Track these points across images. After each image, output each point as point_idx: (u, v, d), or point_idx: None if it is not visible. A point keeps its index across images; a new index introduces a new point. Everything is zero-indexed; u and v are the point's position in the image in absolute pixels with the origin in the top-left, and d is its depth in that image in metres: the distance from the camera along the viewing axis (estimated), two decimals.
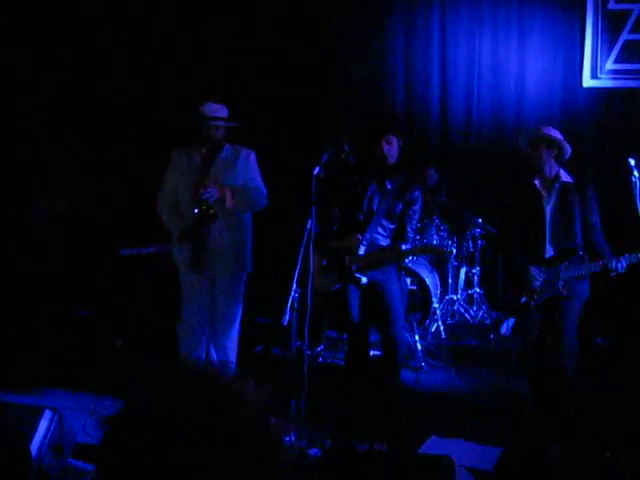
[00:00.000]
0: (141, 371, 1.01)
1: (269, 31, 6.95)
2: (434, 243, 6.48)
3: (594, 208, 4.37)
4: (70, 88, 6.91)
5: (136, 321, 6.09)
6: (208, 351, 4.78)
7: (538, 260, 4.39)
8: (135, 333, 5.94)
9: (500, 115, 6.94)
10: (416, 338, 5.81)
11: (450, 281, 6.71)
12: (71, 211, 6.77)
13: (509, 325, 6.25)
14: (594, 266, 4.25)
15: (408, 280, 6.17)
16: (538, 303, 4.41)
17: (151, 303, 6.09)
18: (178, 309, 4.75)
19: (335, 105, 7.14)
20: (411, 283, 6.21)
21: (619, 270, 4.14)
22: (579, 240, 4.31)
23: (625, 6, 6.53)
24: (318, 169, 4.09)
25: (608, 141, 6.56)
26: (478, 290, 6.72)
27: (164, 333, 5.12)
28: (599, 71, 6.60)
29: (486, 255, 6.78)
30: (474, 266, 6.72)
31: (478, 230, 6.59)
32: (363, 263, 4.30)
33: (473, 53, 6.95)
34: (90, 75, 6.91)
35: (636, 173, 4.30)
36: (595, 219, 4.36)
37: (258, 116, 6.50)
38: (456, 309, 6.68)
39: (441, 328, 6.25)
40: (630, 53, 6.52)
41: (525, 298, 4.43)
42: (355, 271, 4.29)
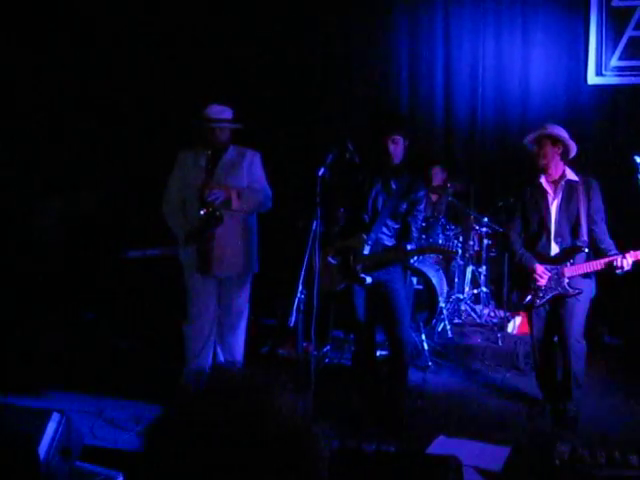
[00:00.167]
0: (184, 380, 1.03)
1: (270, 31, 6.95)
2: (440, 242, 6.46)
3: (599, 206, 4.36)
4: (70, 88, 6.92)
5: (142, 323, 6.10)
6: (215, 352, 4.79)
7: (544, 258, 4.38)
8: (141, 335, 5.96)
9: (505, 113, 6.92)
10: (423, 338, 5.80)
11: (456, 280, 6.69)
12: (76, 213, 6.79)
13: (516, 324, 6.24)
14: (600, 264, 4.23)
15: (414, 280, 6.17)
16: (544, 301, 4.40)
17: (157, 305, 6.10)
18: (184, 311, 4.76)
19: (339, 105, 7.13)
20: (417, 282, 6.21)
21: (625, 267, 4.13)
22: (585, 238, 4.30)
23: (629, 2, 6.51)
24: (323, 170, 4.09)
25: (613, 138, 6.54)
26: (484, 289, 6.70)
27: (170, 335, 5.13)
28: (604, 68, 6.58)
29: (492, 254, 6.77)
30: (480, 265, 6.70)
31: (484, 229, 6.57)
32: (368, 263, 4.29)
33: (477, 52, 6.93)
34: (90, 75, 6.93)
35: None
36: (601, 217, 4.35)
37: (263, 117, 6.50)
38: (463, 308, 6.67)
39: (448, 327, 6.24)
40: (635, 50, 6.49)
41: (530, 297, 4.42)
42: (360, 271, 4.28)
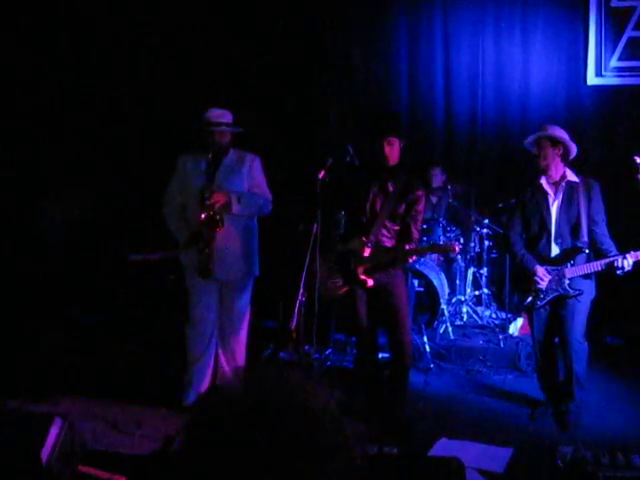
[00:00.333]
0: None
1: (270, 31, 6.96)
2: (440, 243, 6.48)
3: (600, 207, 4.36)
4: (70, 88, 6.93)
5: (143, 326, 6.11)
6: (217, 355, 4.79)
7: (544, 259, 4.39)
8: (143, 338, 5.96)
9: (505, 114, 6.92)
10: (424, 340, 5.80)
11: (458, 282, 6.68)
12: (76, 214, 6.79)
13: (517, 325, 6.24)
14: (600, 264, 4.24)
15: (416, 282, 6.17)
16: (544, 303, 4.40)
17: (158, 308, 6.11)
18: (186, 314, 4.76)
19: (339, 108, 7.14)
20: (419, 285, 6.21)
21: (626, 268, 4.13)
22: (585, 239, 4.30)
23: (628, 3, 6.51)
24: (323, 173, 4.10)
25: (613, 139, 6.54)
26: (486, 290, 6.70)
27: (172, 338, 5.14)
28: (603, 69, 6.58)
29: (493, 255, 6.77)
30: (482, 266, 6.70)
31: (485, 230, 6.58)
32: (368, 265, 4.29)
33: (477, 53, 6.93)
34: (90, 75, 6.93)
35: None
36: (601, 218, 4.35)
37: (262, 119, 6.50)
38: (464, 310, 6.66)
39: (449, 329, 6.23)
40: (634, 50, 6.49)
41: (531, 298, 4.42)
42: (361, 274, 4.28)
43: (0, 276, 6.26)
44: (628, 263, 4.12)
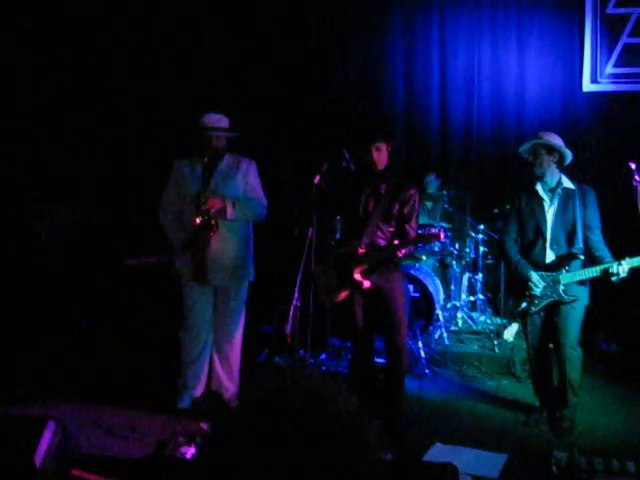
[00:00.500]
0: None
1: (270, 31, 6.97)
2: (435, 250, 6.50)
3: (595, 213, 4.37)
4: (70, 88, 6.92)
5: (139, 330, 6.09)
6: (211, 359, 4.78)
7: (539, 265, 4.39)
8: (138, 342, 5.94)
9: (500, 120, 6.94)
10: (419, 345, 5.80)
11: (453, 287, 6.69)
12: (76, 214, 6.77)
13: (512, 331, 6.24)
14: (595, 271, 4.24)
15: (411, 287, 6.17)
16: (539, 308, 4.41)
17: (154, 312, 6.09)
18: (181, 318, 4.75)
19: (335, 112, 7.14)
20: (414, 290, 6.21)
21: (621, 274, 4.14)
22: (580, 245, 4.31)
23: (624, 10, 6.54)
24: (318, 178, 4.10)
25: (609, 146, 6.56)
26: (481, 296, 6.71)
27: (167, 342, 5.12)
28: (599, 75, 6.61)
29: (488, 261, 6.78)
30: (477, 272, 6.72)
31: (480, 236, 6.59)
32: (364, 266, 4.28)
33: (472, 58, 6.96)
34: (90, 75, 6.93)
35: (637, 177, 4.30)
36: (596, 224, 4.36)
37: (259, 123, 6.51)
38: (459, 315, 6.67)
39: (444, 335, 6.24)
40: (630, 57, 6.52)
41: (526, 304, 4.42)
42: (356, 275, 4.28)
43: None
44: (623, 269, 4.13)
